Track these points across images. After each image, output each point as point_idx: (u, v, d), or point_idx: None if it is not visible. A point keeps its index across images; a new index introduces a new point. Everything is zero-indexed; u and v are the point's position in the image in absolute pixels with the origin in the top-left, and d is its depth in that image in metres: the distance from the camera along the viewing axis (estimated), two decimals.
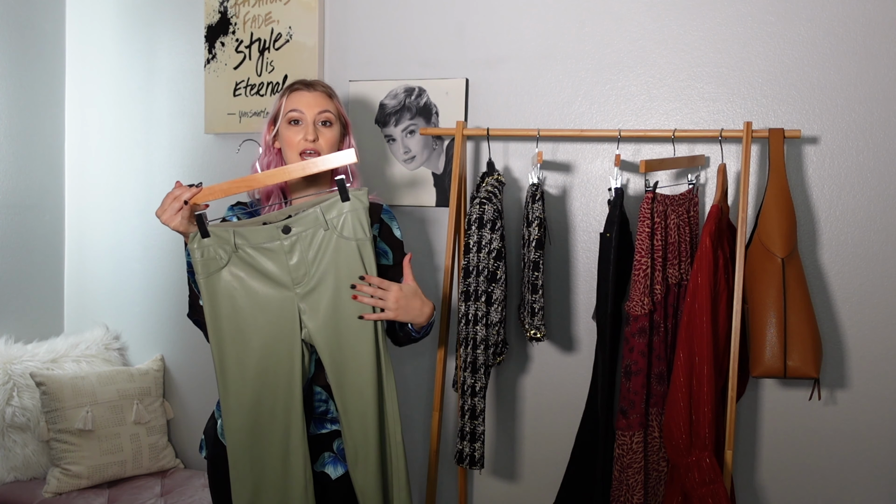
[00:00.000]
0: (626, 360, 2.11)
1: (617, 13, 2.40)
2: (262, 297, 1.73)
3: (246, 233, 1.71)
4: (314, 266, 1.72)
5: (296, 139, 1.87)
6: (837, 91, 2.22)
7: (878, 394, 2.23)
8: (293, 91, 1.90)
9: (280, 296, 1.73)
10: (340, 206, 1.71)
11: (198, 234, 1.70)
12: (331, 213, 1.72)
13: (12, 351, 2.91)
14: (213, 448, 1.93)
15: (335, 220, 1.72)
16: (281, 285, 1.73)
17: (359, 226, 1.72)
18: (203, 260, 1.70)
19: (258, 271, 1.72)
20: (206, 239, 1.70)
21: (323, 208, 1.71)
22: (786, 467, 2.32)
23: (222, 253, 1.71)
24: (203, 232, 1.69)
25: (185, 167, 3.02)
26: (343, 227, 1.72)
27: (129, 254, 3.14)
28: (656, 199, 2.08)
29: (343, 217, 1.72)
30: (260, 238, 1.71)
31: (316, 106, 1.88)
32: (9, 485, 2.77)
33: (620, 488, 2.13)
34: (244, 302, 1.72)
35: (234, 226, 1.72)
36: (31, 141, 3.12)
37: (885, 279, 2.21)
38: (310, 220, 1.72)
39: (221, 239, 1.70)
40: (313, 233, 1.72)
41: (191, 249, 1.70)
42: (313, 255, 1.72)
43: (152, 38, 3.05)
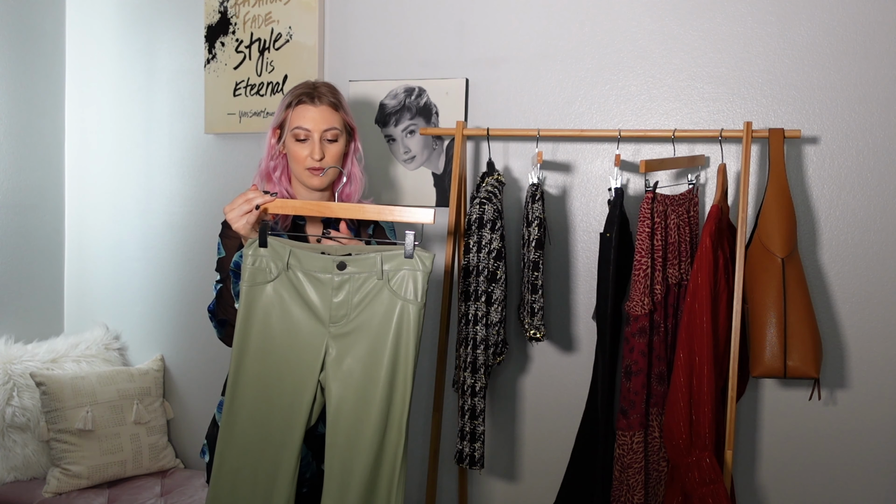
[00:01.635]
0: (627, 360, 2.11)
1: (617, 13, 2.40)
2: (295, 324, 1.68)
3: (302, 256, 1.67)
4: (355, 311, 1.67)
5: (302, 155, 1.87)
6: (837, 91, 2.22)
7: (878, 394, 2.23)
8: (299, 104, 1.87)
9: (312, 328, 1.68)
10: (401, 261, 1.65)
11: (255, 241, 1.67)
12: (389, 265, 1.66)
13: (12, 351, 2.91)
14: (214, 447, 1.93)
15: (391, 272, 1.65)
16: (317, 318, 1.68)
17: (412, 287, 1.64)
18: (253, 268, 1.67)
19: (300, 297, 1.68)
20: (263, 249, 1.67)
21: (384, 257, 1.66)
22: (786, 467, 2.32)
23: (273, 267, 1.67)
24: (262, 241, 1.67)
25: (185, 167, 3.02)
26: (396, 283, 1.65)
27: (129, 254, 3.14)
28: (656, 199, 2.08)
29: (400, 273, 1.65)
30: (313, 265, 1.67)
31: (322, 123, 1.87)
32: (9, 485, 2.77)
33: (621, 488, 2.13)
34: (277, 322, 1.68)
35: (294, 245, 1.68)
36: (31, 141, 3.12)
37: (885, 279, 2.21)
38: (367, 264, 1.66)
39: (277, 254, 1.67)
40: (366, 278, 1.66)
41: (244, 255, 1.68)
42: (358, 300, 1.67)
43: (152, 38, 3.05)
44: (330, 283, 1.67)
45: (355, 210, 1.72)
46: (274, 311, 1.68)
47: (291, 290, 1.68)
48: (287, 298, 1.68)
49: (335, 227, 1.92)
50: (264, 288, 1.67)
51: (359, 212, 1.72)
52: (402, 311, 1.64)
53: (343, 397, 1.66)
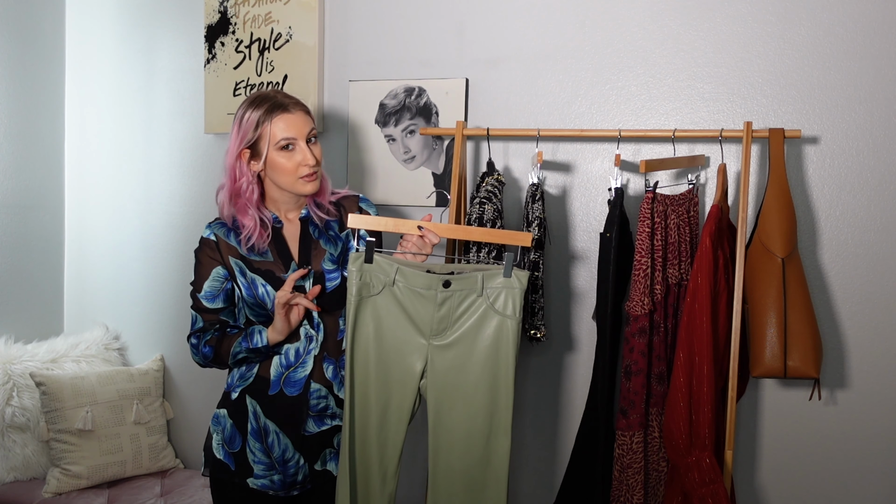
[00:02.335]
0: (626, 360, 2.11)
1: (617, 13, 2.40)
2: (399, 336, 1.80)
3: (408, 273, 1.78)
4: (456, 325, 1.79)
5: (292, 165, 1.85)
6: (837, 91, 2.22)
7: (878, 394, 2.23)
8: (275, 117, 1.83)
9: (415, 341, 1.80)
10: (499, 280, 1.78)
11: (362, 257, 1.77)
12: (490, 283, 1.78)
13: (12, 351, 2.91)
14: (213, 465, 1.94)
15: (491, 290, 1.78)
16: (419, 332, 1.80)
17: (510, 303, 1.78)
18: (360, 283, 1.78)
19: (404, 311, 1.79)
20: (368, 265, 1.77)
21: (485, 276, 1.78)
22: (786, 467, 2.32)
23: (376, 282, 1.78)
24: (369, 258, 1.77)
25: (185, 167, 3.02)
26: (496, 300, 1.78)
27: (129, 254, 3.14)
28: (656, 199, 2.08)
29: (499, 291, 1.78)
30: (419, 283, 1.78)
31: (304, 127, 1.86)
32: (9, 485, 2.77)
33: (620, 488, 2.13)
34: (382, 333, 1.80)
35: (400, 263, 1.79)
36: (31, 141, 3.11)
37: (885, 279, 2.21)
38: (469, 282, 1.78)
39: (383, 270, 1.78)
40: (466, 294, 1.78)
41: (350, 270, 1.77)
42: (458, 315, 1.79)
43: (152, 38, 3.05)
44: (433, 299, 1.78)
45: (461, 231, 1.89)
46: (379, 323, 1.80)
47: (395, 304, 1.80)
48: (391, 312, 1.80)
49: None
50: (371, 300, 1.79)
51: (466, 233, 1.87)
52: (501, 325, 1.78)
53: (441, 403, 1.80)
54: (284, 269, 1.89)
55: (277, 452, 1.89)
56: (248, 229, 1.88)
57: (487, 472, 1.80)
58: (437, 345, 1.80)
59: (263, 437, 1.89)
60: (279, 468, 1.90)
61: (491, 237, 1.86)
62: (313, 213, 1.94)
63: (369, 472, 1.84)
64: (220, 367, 1.94)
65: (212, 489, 1.98)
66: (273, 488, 1.91)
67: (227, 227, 1.91)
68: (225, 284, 1.91)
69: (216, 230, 1.92)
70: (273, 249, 1.90)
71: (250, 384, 1.91)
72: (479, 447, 1.80)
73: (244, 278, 1.88)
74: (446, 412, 1.80)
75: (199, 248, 1.92)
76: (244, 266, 1.88)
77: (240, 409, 1.91)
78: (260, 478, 1.90)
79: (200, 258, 1.92)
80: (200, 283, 1.91)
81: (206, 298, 1.91)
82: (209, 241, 1.91)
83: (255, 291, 1.87)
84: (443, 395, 1.80)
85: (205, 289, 1.90)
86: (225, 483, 1.93)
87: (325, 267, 1.91)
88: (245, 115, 1.85)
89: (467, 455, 1.80)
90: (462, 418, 1.79)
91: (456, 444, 1.80)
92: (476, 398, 1.79)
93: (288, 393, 1.89)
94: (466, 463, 1.80)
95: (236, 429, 1.91)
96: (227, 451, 1.92)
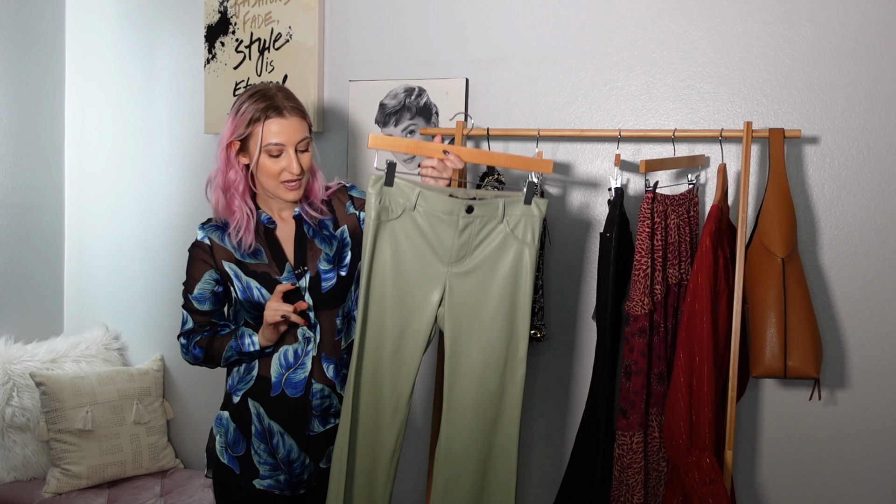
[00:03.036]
0: (626, 360, 2.11)
1: (617, 13, 2.40)
2: (418, 262, 1.77)
3: (431, 197, 1.75)
4: (476, 252, 1.77)
5: (276, 169, 1.83)
6: (837, 91, 2.22)
7: (878, 394, 2.23)
8: (268, 119, 1.81)
9: (433, 268, 1.78)
10: (520, 207, 1.78)
11: (381, 180, 1.73)
12: (511, 210, 1.77)
13: (12, 351, 2.92)
14: (217, 468, 1.93)
15: (511, 218, 1.77)
16: (438, 258, 1.77)
17: (530, 231, 1.77)
18: (379, 206, 1.75)
19: (423, 237, 1.77)
20: (389, 188, 1.74)
21: (507, 202, 1.77)
22: (786, 467, 2.32)
23: (396, 207, 1.75)
24: (389, 181, 1.73)
25: (185, 167, 3.02)
26: (516, 227, 1.77)
27: (129, 254, 3.14)
28: (656, 199, 2.08)
29: (519, 218, 1.77)
30: (441, 207, 1.75)
31: (296, 135, 1.83)
32: (9, 485, 2.77)
33: (620, 488, 2.13)
34: (400, 258, 1.77)
35: (422, 186, 1.76)
36: (31, 141, 3.12)
37: (885, 279, 2.21)
38: (491, 208, 1.77)
39: (403, 194, 1.75)
40: (487, 220, 1.77)
41: (368, 193, 1.74)
42: (479, 242, 1.77)
43: (152, 38, 3.05)
44: (454, 224, 1.75)
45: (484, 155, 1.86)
46: (397, 248, 1.77)
47: (415, 229, 1.77)
48: (410, 237, 1.77)
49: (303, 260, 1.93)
50: (389, 224, 1.76)
51: (489, 158, 1.85)
52: (520, 252, 1.77)
53: (459, 331, 1.78)
54: (279, 271, 1.88)
55: (282, 453, 1.89)
56: (236, 221, 1.86)
57: (503, 401, 1.79)
58: (455, 272, 1.77)
59: (268, 438, 1.89)
60: (284, 468, 1.90)
61: (513, 163, 1.85)
62: (305, 214, 1.93)
63: (381, 399, 1.80)
64: (210, 367, 1.94)
65: (215, 491, 1.97)
66: (279, 488, 1.91)
67: (222, 230, 1.89)
68: (216, 288, 1.90)
69: (210, 233, 1.90)
70: (267, 251, 1.89)
71: (252, 386, 1.90)
72: (495, 375, 1.78)
73: (239, 282, 1.87)
74: (464, 340, 1.78)
75: (192, 249, 1.92)
76: (239, 270, 1.87)
77: (242, 411, 1.91)
78: (266, 478, 1.90)
79: (193, 258, 1.91)
80: (192, 285, 1.90)
81: (197, 300, 1.90)
82: (203, 244, 1.89)
83: (250, 294, 1.87)
84: (460, 322, 1.78)
85: (196, 291, 1.90)
86: (230, 486, 1.93)
87: (321, 267, 1.90)
88: (242, 108, 1.83)
89: (483, 383, 1.78)
90: (479, 346, 1.78)
91: (472, 371, 1.78)
92: (494, 325, 1.77)
93: (289, 395, 1.89)
94: (482, 392, 1.78)
95: (240, 432, 1.90)
96: (230, 455, 1.91)
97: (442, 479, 1.81)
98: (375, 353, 1.80)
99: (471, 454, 1.80)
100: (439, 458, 1.81)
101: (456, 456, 1.80)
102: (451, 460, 1.80)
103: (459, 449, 1.80)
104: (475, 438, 1.80)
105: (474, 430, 1.79)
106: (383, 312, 1.79)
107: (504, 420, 1.80)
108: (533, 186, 1.76)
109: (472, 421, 1.79)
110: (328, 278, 1.90)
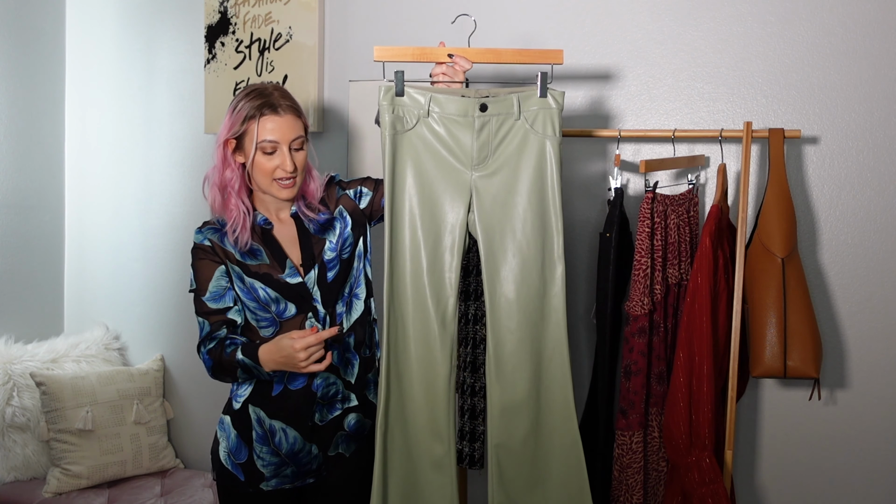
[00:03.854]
0: (626, 360, 2.11)
1: (617, 13, 2.40)
2: (441, 171, 1.73)
3: (442, 100, 1.72)
4: (497, 152, 1.73)
5: (270, 166, 1.83)
6: (837, 91, 2.22)
7: (878, 394, 2.23)
8: (263, 116, 1.81)
9: (457, 174, 1.73)
10: (535, 101, 1.72)
11: (392, 90, 1.71)
12: (526, 105, 1.72)
13: (12, 351, 2.92)
14: (220, 473, 1.93)
15: (529, 113, 1.72)
16: (459, 162, 1.73)
17: (549, 123, 1.72)
18: (393, 117, 1.72)
19: (443, 143, 1.73)
20: (399, 98, 1.71)
21: (521, 98, 1.72)
22: (786, 467, 2.32)
23: (410, 116, 1.72)
24: (399, 90, 1.71)
25: (184, 167, 3.02)
26: (534, 121, 1.73)
27: (129, 254, 3.14)
28: (656, 199, 2.08)
29: (537, 112, 1.73)
30: (454, 109, 1.72)
31: (290, 132, 1.83)
32: (9, 485, 2.77)
33: (620, 488, 2.13)
34: (423, 168, 1.74)
35: (432, 90, 1.73)
36: (31, 141, 3.12)
37: (885, 279, 2.21)
38: (505, 104, 1.72)
39: (415, 101, 1.72)
40: (504, 118, 1.73)
41: (381, 105, 1.71)
42: (498, 141, 1.73)
43: (152, 38, 3.06)
44: (470, 125, 1.72)
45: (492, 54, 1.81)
46: (418, 158, 1.73)
47: (433, 136, 1.73)
48: (429, 146, 1.73)
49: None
50: (405, 136, 1.72)
51: (496, 56, 1.80)
52: (541, 145, 1.72)
53: (493, 234, 1.73)
54: (280, 269, 1.87)
55: (286, 448, 1.88)
56: (233, 219, 1.86)
57: (545, 301, 1.74)
58: (479, 175, 1.73)
59: (270, 440, 1.88)
60: (290, 462, 1.89)
61: (521, 57, 1.81)
62: (302, 214, 1.92)
63: (427, 316, 1.74)
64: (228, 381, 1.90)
65: (220, 496, 1.95)
66: (287, 482, 1.90)
67: (220, 232, 1.89)
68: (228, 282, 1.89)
69: (210, 235, 1.89)
70: (266, 251, 1.89)
71: (252, 390, 1.89)
72: (534, 275, 1.73)
73: (243, 283, 1.86)
74: (498, 242, 1.73)
75: (195, 254, 1.89)
76: (241, 272, 1.87)
77: (243, 418, 1.89)
78: (272, 478, 1.89)
79: (199, 262, 1.88)
80: (204, 286, 1.87)
81: (212, 299, 1.87)
82: (205, 246, 1.88)
83: (256, 295, 1.86)
84: (492, 225, 1.73)
85: (210, 289, 1.86)
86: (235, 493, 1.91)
87: (326, 257, 1.90)
88: (238, 105, 1.84)
89: (524, 285, 1.73)
90: (514, 247, 1.73)
91: (510, 274, 1.73)
92: (526, 225, 1.73)
93: (292, 387, 1.88)
94: (524, 294, 1.74)
95: (241, 440, 1.89)
96: (233, 461, 1.90)
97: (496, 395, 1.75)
98: (413, 271, 1.74)
99: (522, 361, 1.74)
100: (490, 375, 1.75)
101: (506, 367, 1.74)
102: (503, 373, 1.74)
103: (509, 357, 1.74)
104: (524, 344, 1.74)
105: (522, 336, 1.74)
106: (414, 228, 1.74)
107: (550, 321, 1.75)
108: (546, 78, 1.70)
109: (518, 326, 1.74)
110: (332, 266, 1.89)
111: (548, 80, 1.71)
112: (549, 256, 1.74)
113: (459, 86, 1.79)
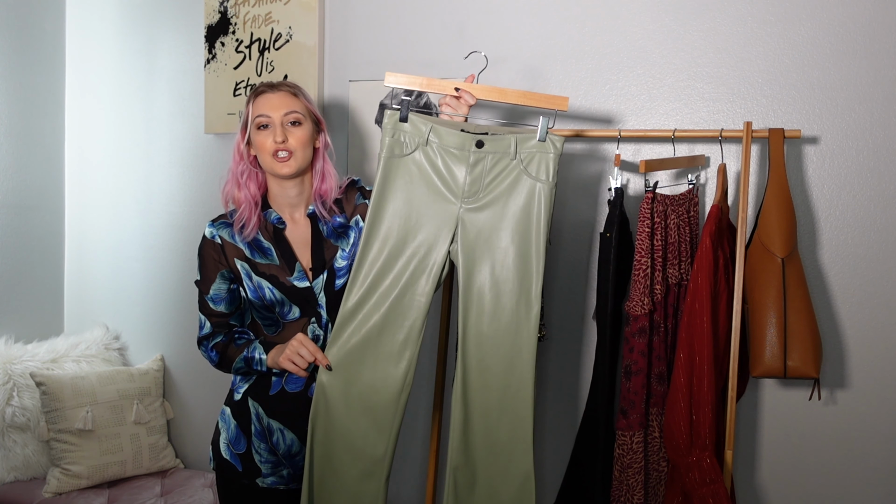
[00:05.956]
0: (626, 360, 2.11)
1: (617, 13, 2.40)
2: (430, 197, 1.77)
3: (442, 132, 1.76)
4: (488, 188, 1.77)
5: (266, 142, 1.85)
6: (837, 91, 2.22)
7: (878, 394, 2.23)
8: (258, 95, 1.88)
9: (446, 203, 1.78)
10: (534, 144, 1.76)
11: (397, 115, 1.76)
12: (523, 146, 1.76)
13: (12, 351, 2.92)
14: (219, 463, 1.94)
15: (525, 154, 1.76)
16: (450, 193, 1.78)
17: (544, 168, 1.76)
18: (392, 140, 1.76)
19: (436, 172, 1.77)
20: (403, 124, 1.76)
21: (518, 139, 1.76)
22: (786, 467, 2.32)
23: (410, 142, 1.77)
24: (404, 116, 1.76)
25: (185, 167, 3.02)
26: (529, 164, 1.76)
27: (129, 254, 3.15)
28: (656, 199, 2.08)
29: (533, 155, 1.76)
30: (452, 141, 1.76)
31: (282, 107, 1.86)
32: (9, 485, 2.77)
33: (620, 488, 2.13)
34: (412, 194, 1.78)
35: (435, 121, 1.77)
36: (31, 141, 3.12)
37: (885, 279, 2.21)
38: (503, 144, 1.76)
39: (417, 129, 1.76)
40: (500, 157, 1.76)
41: (384, 126, 1.76)
42: (491, 179, 1.77)
43: (152, 38, 3.06)
44: (466, 159, 1.76)
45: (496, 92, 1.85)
46: (410, 182, 1.77)
47: (428, 164, 1.77)
48: (423, 172, 1.77)
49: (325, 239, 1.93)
50: (401, 161, 1.77)
51: (501, 94, 1.84)
52: (533, 189, 1.76)
53: (472, 266, 1.77)
54: (289, 272, 1.88)
55: (283, 449, 1.89)
56: (241, 210, 1.89)
57: (516, 338, 1.78)
58: (468, 208, 1.77)
59: (268, 437, 1.89)
60: (287, 463, 1.90)
61: (527, 99, 1.83)
62: (319, 212, 1.93)
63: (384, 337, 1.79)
64: (226, 371, 1.94)
65: (218, 485, 1.98)
66: (283, 482, 1.91)
67: (232, 228, 1.90)
68: (231, 286, 1.90)
69: (220, 230, 1.90)
70: (277, 252, 1.89)
71: (253, 383, 1.91)
72: (508, 311, 1.77)
73: (250, 281, 1.87)
74: (476, 273, 1.77)
75: (203, 247, 1.91)
76: (250, 269, 1.87)
77: (243, 410, 1.91)
78: (268, 476, 1.90)
79: (205, 258, 1.90)
80: (207, 285, 1.89)
81: (213, 301, 1.89)
82: (213, 242, 1.89)
83: (262, 294, 1.87)
84: (473, 257, 1.77)
85: (212, 290, 1.89)
86: (232, 481, 1.93)
87: (337, 265, 1.90)
88: (246, 100, 1.93)
89: (495, 319, 1.77)
90: (492, 281, 1.77)
91: (485, 307, 1.77)
92: (506, 261, 1.77)
93: (289, 390, 1.89)
94: (494, 328, 1.77)
95: (240, 430, 1.91)
96: (232, 451, 1.92)
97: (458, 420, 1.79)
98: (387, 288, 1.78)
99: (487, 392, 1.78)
100: (456, 399, 1.79)
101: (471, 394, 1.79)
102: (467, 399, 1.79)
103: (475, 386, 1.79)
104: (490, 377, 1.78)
105: (489, 368, 1.78)
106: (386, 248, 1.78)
107: (520, 358, 1.78)
108: (546, 123, 1.73)
109: (486, 358, 1.78)
110: (342, 275, 1.90)
111: (549, 124, 1.75)
112: (526, 296, 1.78)
113: (462, 119, 1.83)
